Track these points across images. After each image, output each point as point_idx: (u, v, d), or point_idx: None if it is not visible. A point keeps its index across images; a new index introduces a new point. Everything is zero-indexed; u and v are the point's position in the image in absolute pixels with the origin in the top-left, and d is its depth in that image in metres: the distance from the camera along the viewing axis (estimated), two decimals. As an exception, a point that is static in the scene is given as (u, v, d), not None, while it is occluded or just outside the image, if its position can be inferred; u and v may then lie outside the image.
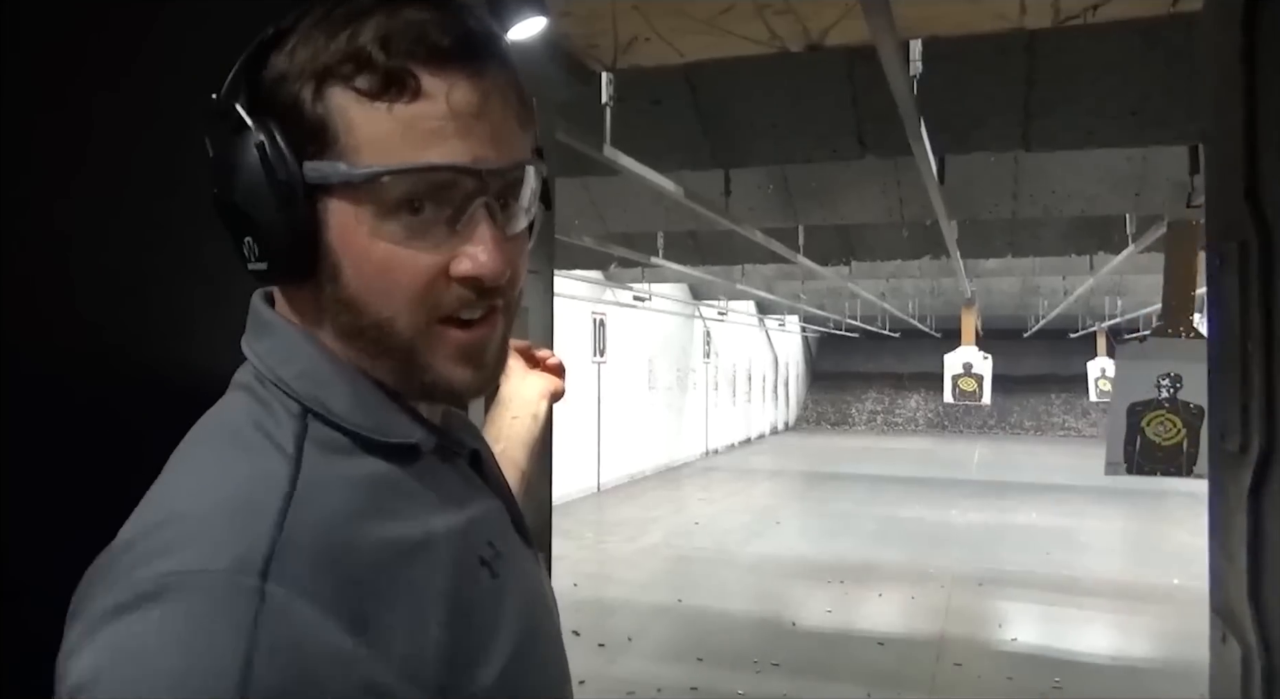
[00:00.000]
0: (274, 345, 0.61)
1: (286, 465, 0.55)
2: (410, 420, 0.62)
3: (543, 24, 1.70)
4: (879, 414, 26.59)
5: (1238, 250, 1.06)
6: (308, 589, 0.50)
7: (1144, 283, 12.01)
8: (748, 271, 10.57)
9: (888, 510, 11.19)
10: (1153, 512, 11.10)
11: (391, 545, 0.56)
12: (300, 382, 0.59)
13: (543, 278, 1.69)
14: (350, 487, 0.57)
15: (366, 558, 0.54)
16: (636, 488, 12.98)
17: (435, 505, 0.61)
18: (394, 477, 0.60)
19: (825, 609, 6.68)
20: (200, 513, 0.52)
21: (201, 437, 0.60)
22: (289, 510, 0.52)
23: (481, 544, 0.63)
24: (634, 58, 3.17)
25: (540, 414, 1.03)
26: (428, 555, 0.58)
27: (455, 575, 0.59)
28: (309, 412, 0.59)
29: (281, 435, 0.57)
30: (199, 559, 0.49)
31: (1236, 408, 1.07)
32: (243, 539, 0.50)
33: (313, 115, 0.55)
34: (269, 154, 0.55)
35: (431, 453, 0.63)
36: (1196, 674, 5.30)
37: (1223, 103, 1.15)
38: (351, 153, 0.55)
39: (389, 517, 0.57)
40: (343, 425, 0.59)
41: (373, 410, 0.60)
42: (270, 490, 0.53)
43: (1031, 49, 3.77)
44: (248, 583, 0.49)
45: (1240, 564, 1.06)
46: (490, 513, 0.68)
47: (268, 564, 0.49)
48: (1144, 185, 5.48)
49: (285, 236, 0.56)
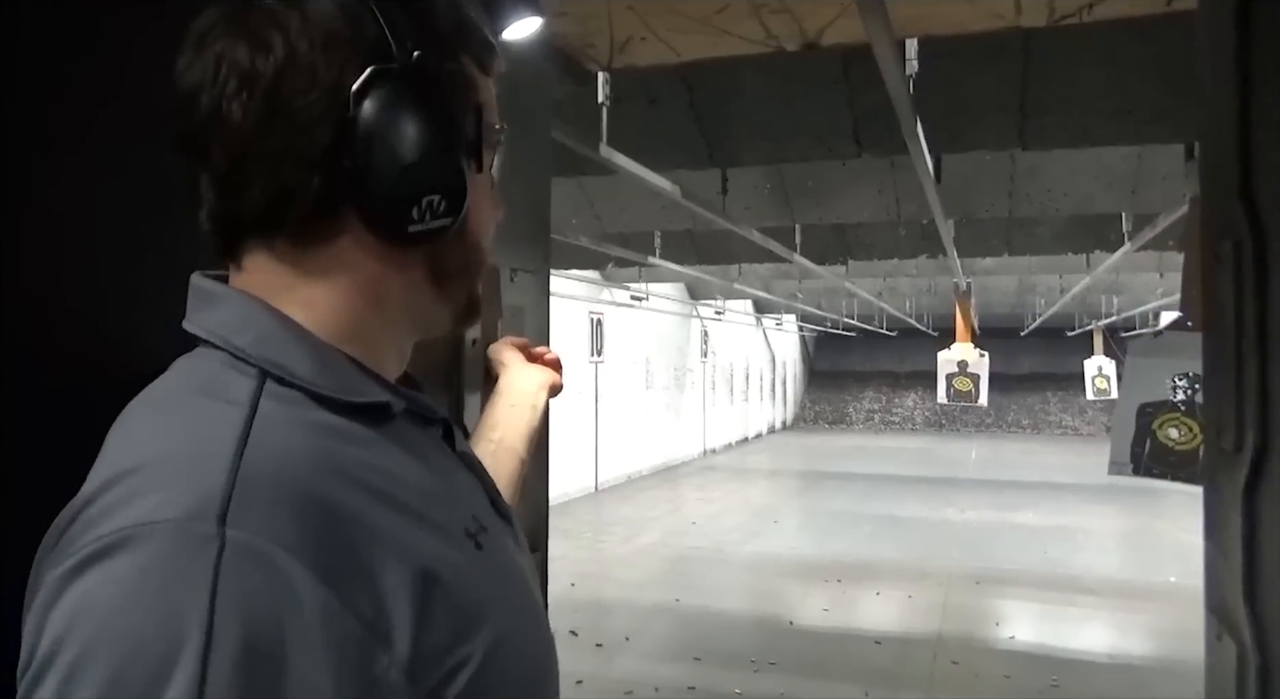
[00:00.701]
0: (225, 315, 0.59)
1: (240, 411, 0.53)
2: (379, 385, 0.60)
3: (538, 24, 1.70)
4: (876, 413, 26.61)
5: (1232, 249, 1.07)
6: (271, 532, 0.48)
7: (1140, 281, 12.03)
8: (745, 271, 10.57)
9: (885, 509, 11.20)
10: (1149, 510, 11.11)
11: (362, 493, 0.53)
12: (257, 346, 0.57)
13: (539, 277, 1.69)
14: (312, 430, 0.54)
15: (333, 503, 0.51)
16: (634, 487, 12.98)
17: (411, 464, 0.59)
18: (362, 431, 0.57)
19: (823, 608, 6.69)
20: (153, 463, 0.50)
21: (146, 398, 0.57)
22: (244, 453, 0.50)
23: (465, 516, 0.61)
24: (630, 57, 3.17)
25: (539, 405, 1.04)
26: (403, 511, 0.55)
27: (437, 539, 0.57)
28: (267, 374, 0.56)
29: (233, 391, 0.55)
30: (154, 510, 0.47)
31: (1231, 406, 1.07)
32: (197, 486, 0.48)
33: (466, 78, 0.63)
34: (460, 107, 0.62)
35: (403, 417, 0.61)
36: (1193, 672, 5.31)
37: (1216, 101, 1.15)
38: (487, 111, 0.64)
39: (357, 465, 0.54)
40: (305, 386, 0.56)
41: (338, 373, 0.58)
42: (223, 435, 0.51)
43: (1027, 48, 3.77)
44: (205, 530, 0.47)
45: (1235, 562, 1.07)
46: (470, 486, 0.67)
47: (225, 508, 0.47)
48: (1140, 183, 5.49)
49: (465, 188, 0.61)
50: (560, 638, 0.72)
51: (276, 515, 0.48)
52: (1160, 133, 4.17)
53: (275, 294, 0.59)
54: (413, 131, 0.58)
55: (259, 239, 0.59)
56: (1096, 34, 3.34)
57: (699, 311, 17.08)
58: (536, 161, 1.81)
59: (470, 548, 0.59)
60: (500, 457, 0.97)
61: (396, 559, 0.52)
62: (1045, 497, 12.33)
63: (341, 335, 0.60)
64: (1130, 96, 3.92)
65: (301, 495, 0.50)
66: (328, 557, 0.49)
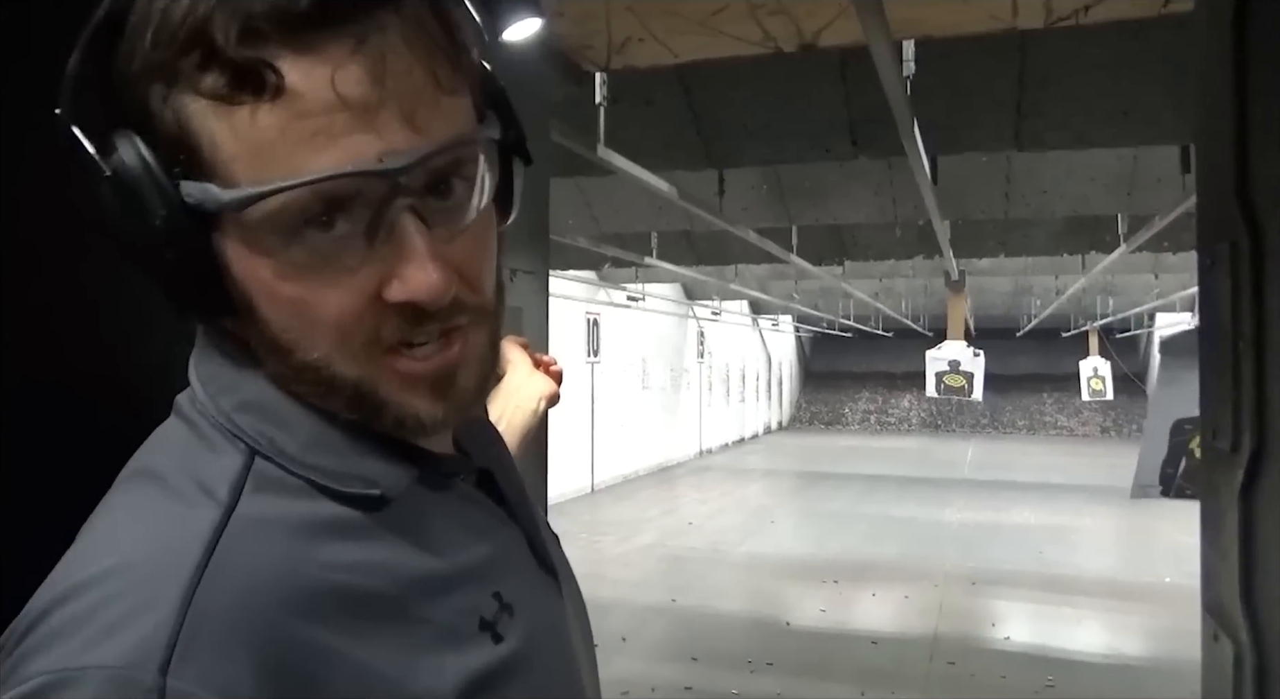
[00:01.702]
0: (217, 370, 0.51)
1: (213, 513, 0.45)
2: (381, 458, 0.51)
3: (538, 25, 1.70)
4: (872, 414, 26.63)
5: (1229, 250, 1.07)
6: (219, 683, 0.41)
7: (1135, 282, 12.07)
8: (741, 271, 10.59)
9: (881, 510, 11.21)
10: (1144, 510, 11.13)
11: (341, 605, 0.46)
12: (245, 415, 0.49)
13: (538, 278, 1.69)
14: (289, 531, 0.46)
15: (303, 628, 0.44)
16: (630, 488, 12.98)
17: (412, 553, 0.50)
18: (355, 520, 0.49)
19: (819, 608, 6.69)
20: (100, 584, 0.42)
21: (124, 480, 0.50)
22: (205, 573, 0.43)
23: (484, 599, 0.52)
24: (628, 58, 3.17)
25: (539, 411, 1.06)
26: (397, 618, 0.48)
27: (438, 648, 0.49)
28: (256, 452, 0.48)
29: (215, 477, 0.47)
30: (89, 651, 0.40)
31: (1228, 407, 1.08)
32: (144, 621, 0.41)
33: (169, 125, 0.44)
34: (136, 179, 0.44)
35: (419, 484, 0.52)
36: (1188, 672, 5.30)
37: (1213, 102, 1.16)
38: (223, 170, 0.44)
39: (344, 568, 0.47)
40: (293, 469, 0.48)
41: (334, 448, 0.49)
42: (185, 549, 0.43)
43: (1023, 49, 3.78)
44: (143, 680, 0.40)
45: (1232, 562, 1.07)
46: (500, 548, 0.57)
47: (170, 652, 0.40)
48: (1135, 185, 5.50)
49: (181, 276, 0.46)
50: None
51: (229, 660, 0.41)
52: (1156, 134, 4.18)
53: (241, 357, 0.51)
54: (95, 198, 0.47)
55: None
56: (1092, 36, 3.35)
57: (695, 312, 17.08)
58: (535, 162, 1.81)
59: (485, 642, 0.51)
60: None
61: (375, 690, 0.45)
62: (1041, 497, 12.34)
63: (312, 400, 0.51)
64: (1126, 98, 3.93)
65: (262, 629, 0.43)
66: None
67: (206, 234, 0.45)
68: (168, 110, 0.44)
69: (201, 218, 0.44)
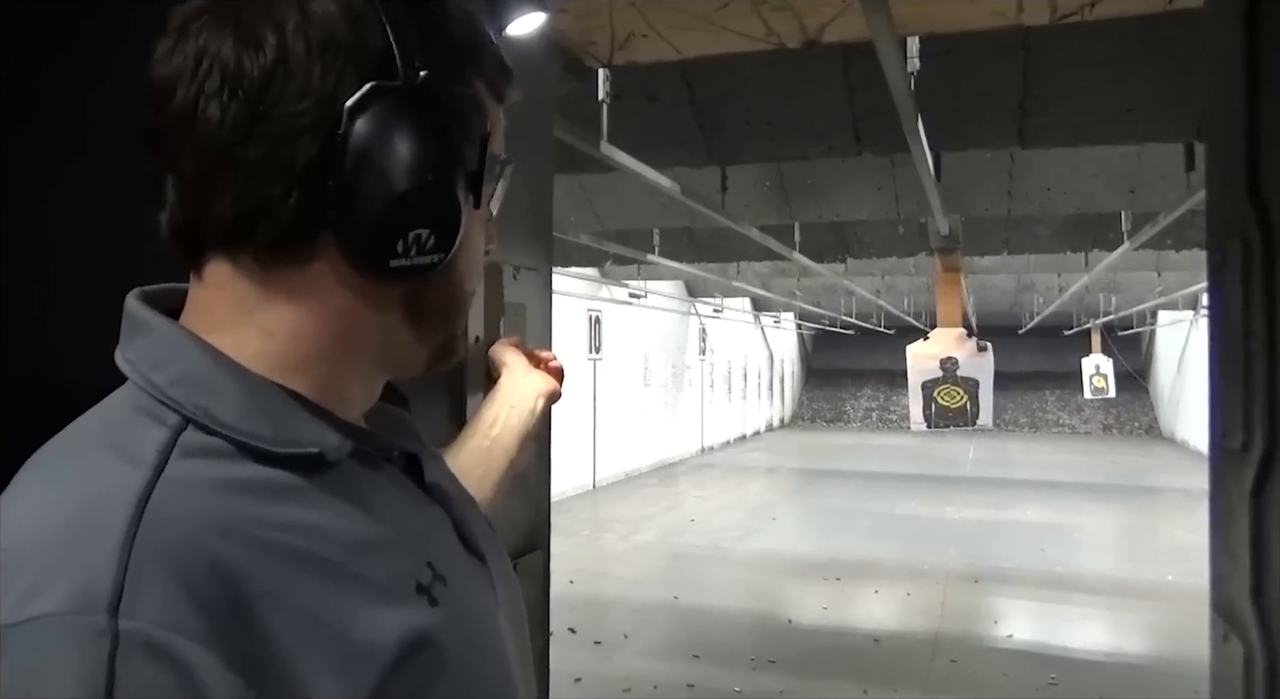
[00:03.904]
0: (148, 347, 0.53)
1: (142, 474, 0.46)
2: (321, 424, 0.54)
3: (541, 20, 1.69)
4: (874, 411, 26.62)
5: (1240, 248, 1.06)
6: (170, 619, 0.42)
7: (1138, 279, 12.05)
8: (743, 269, 10.57)
9: (883, 507, 11.20)
10: (1146, 508, 11.14)
11: (281, 555, 0.47)
12: (179, 387, 0.51)
13: (541, 275, 1.68)
14: (223, 489, 0.48)
15: (241, 576, 0.45)
16: (632, 485, 12.98)
17: (348, 515, 0.53)
18: (290, 483, 0.51)
19: (821, 606, 6.69)
20: (31, 539, 0.43)
21: (50, 451, 0.51)
22: (141, 523, 0.44)
23: (419, 566, 0.55)
24: (631, 54, 3.16)
25: (538, 410, 1.05)
26: (334, 575, 0.49)
27: (376, 602, 0.50)
28: (189, 421, 0.50)
29: (139, 445, 0.48)
30: (27, 602, 0.41)
31: (1239, 406, 1.07)
32: (83, 570, 0.42)
33: (475, 103, 0.57)
34: (465, 136, 0.56)
35: (351, 459, 0.55)
36: (1191, 671, 5.32)
37: (1225, 100, 1.15)
38: (493, 141, 0.58)
39: (275, 526, 0.48)
40: (229, 435, 0.50)
41: (270, 416, 0.52)
42: (116, 506, 0.44)
43: (1028, 46, 3.77)
44: (93, 623, 0.40)
45: (1243, 563, 1.06)
46: (430, 528, 0.60)
47: (118, 596, 0.41)
48: (1139, 182, 5.49)
49: (458, 224, 0.55)
50: (559, 635, 0.71)
51: (174, 598, 0.42)
52: (1160, 131, 4.17)
53: (234, 316, 0.54)
54: (409, 157, 0.52)
55: (223, 252, 0.53)
56: (1097, 32, 3.33)
57: (697, 309, 17.07)
58: (539, 159, 1.81)
59: (422, 605, 0.53)
60: (494, 453, 0.99)
61: (330, 643, 0.47)
62: (1043, 495, 12.34)
63: (296, 367, 0.55)
64: (1130, 95, 3.92)
65: (203, 571, 0.44)
66: (235, 640, 0.43)
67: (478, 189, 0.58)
68: (469, 91, 0.57)
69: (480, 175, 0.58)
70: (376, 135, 0.51)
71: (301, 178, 0.51)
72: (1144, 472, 15.60)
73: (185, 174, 0.52)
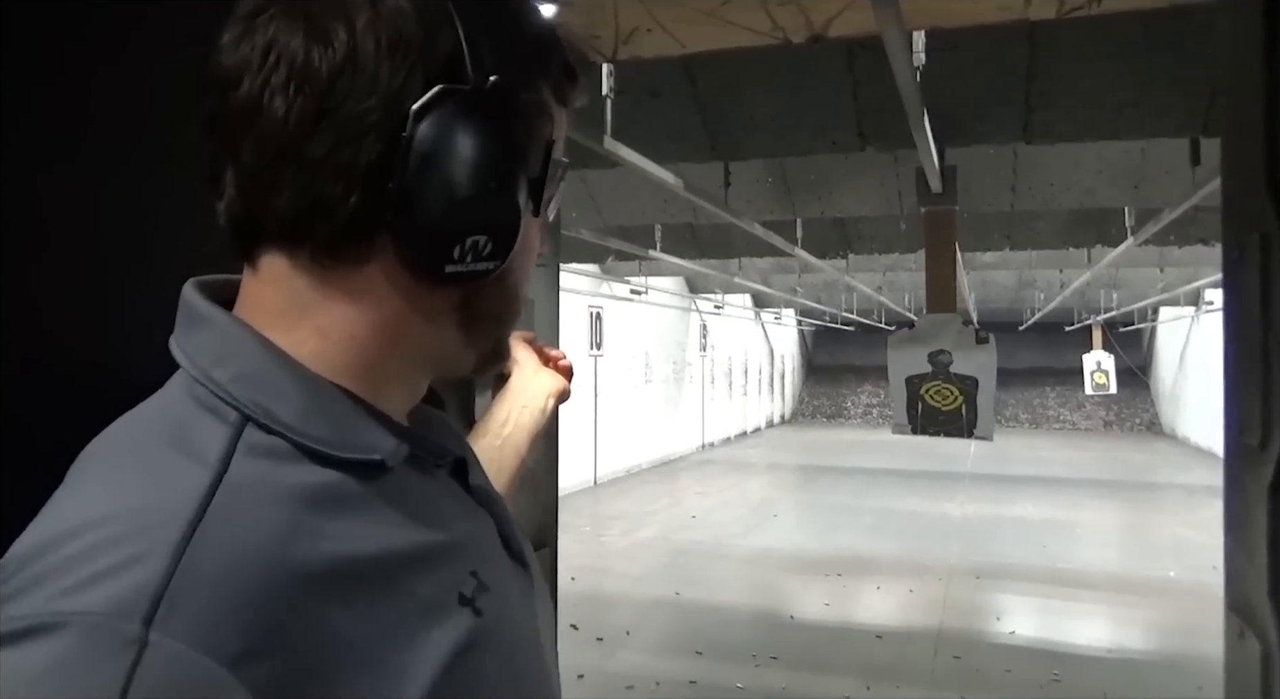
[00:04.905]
0: (207, 341, 0.53)
1: (204, 475, 0.46)
2: (379, 428, 0.53)
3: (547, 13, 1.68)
4: (875, 407, 26.62)
5: (1259, 242, 1.05)
6: (205, 639, 0.41)
7: (1140, 276, 12.04)
8: (744, 265, 10.56)
9: (884, 503, 11.20)
10: (1147, 504, 11.14)
11: (333, 575, 0.47)
12: (238, 384, 0.50)
13: (549, 271, 1.67)
14: (285, 498, 0.48)
15: (294, 594, 0.45)
16: (633, 481, 12.98)
17: (402, 526, 0.52)
18: (349, 490, 0.51)
19: (823, 602, 6.69)
20: (93, 529, 0.43)
21: (110, 439, 0.51)
22: (196, 532, 0.44)
23: (463, 576, 0.55)
24: (634, 48, 3.14)
25: (547, 409, 1.05)
26: (387, 597, 0.49)
27: (422, 621, 0.50)
28: (249, 419, 0.50)
29: (202, 443, 0.48)
30: (76, 596, 0.41)
31: (1257, 403, 1.06)
32: (132, 572, 0.41)
33: (542, 109, 0.57)
34: (530, 142, 0.55)
35: (405, 463, 0.55)
36: (1194, 667, 5.30)
37: (1243, 92, 1.13)
38: (557, 147, 0.58)
39: (334, 538, 0.48)
40: (289, 436, 0.50)
41: (331, 418, 0.51)
42: (177, 507, 0.44)
43: (1033, 40, 3.76)
44: (126, 631, 0.40)
45: (1260, 561, 1.05)
46: (476, 533, 0.60)
47: (155, 606, 0.41)
48: (1143, 178, 5.47)
49: (517, 231, 0.54)
50: (561, 632, 0.70)
51: (214, 615, 0.42)
52: (1165, 127, 4.16)
53: (290, 314, 0.53)
54: (472, 163, 0.51)
55: (280, 247, 0.53)
56: (1103, 27, 3.32)
57: (698, 305, 17.06)
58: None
59: (467, 617, 0.53)
60: (505, 452, 0.98)
61: (375, 666, 0.47)
62: (1044, 491, 12.34)
63: (349, 369, 0.54)
64: (1136, 90, 3.91)
65: (251, 590, 0.43)
66: (272, 665, 0.43)
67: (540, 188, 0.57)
68: (536, 96, 0.56)
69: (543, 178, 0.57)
70: (441, 139, 0.50)
71: (363, 178, 0.50)
72: (1145, 468, 15.61)
73: (246, 166, 0.51)
